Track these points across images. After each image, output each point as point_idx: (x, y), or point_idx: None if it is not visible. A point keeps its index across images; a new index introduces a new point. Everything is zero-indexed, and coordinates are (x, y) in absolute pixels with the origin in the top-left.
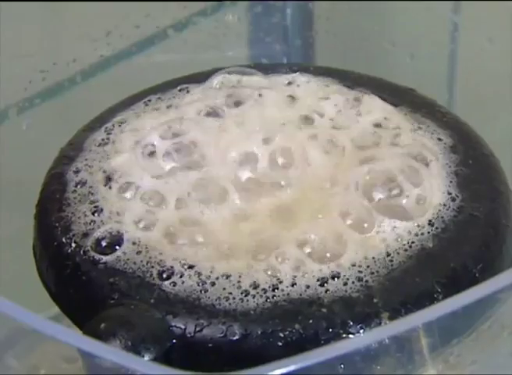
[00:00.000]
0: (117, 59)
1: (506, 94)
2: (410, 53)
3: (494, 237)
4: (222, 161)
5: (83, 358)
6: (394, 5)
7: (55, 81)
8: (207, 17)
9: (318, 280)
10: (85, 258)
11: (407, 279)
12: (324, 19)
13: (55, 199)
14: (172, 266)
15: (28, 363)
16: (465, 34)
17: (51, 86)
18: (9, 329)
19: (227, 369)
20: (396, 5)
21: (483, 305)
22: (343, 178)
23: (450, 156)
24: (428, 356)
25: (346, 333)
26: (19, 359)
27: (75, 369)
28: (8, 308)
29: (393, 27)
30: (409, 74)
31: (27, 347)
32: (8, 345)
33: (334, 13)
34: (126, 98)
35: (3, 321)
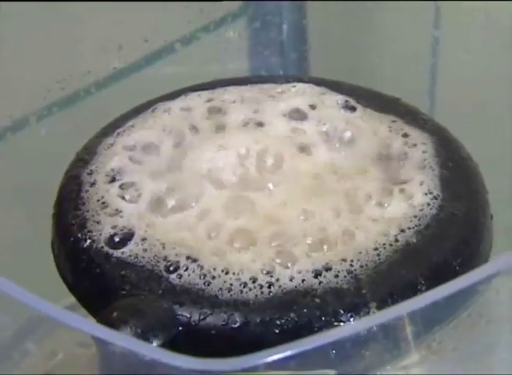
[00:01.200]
0: (128, 71)
1: (483, 101)
2: (397, 65)
3: (472, 234)
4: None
5: (96, 344)
6: (381, 22)
7: (72, 91)
8: (210, 33)
9: (312, 272)
10: (99, 253)
11: (393, 272)
12: (317, 35)
13: (71, 199)
14: (177, 261)
15: (46, 348)
16: (445, 48)
17: (68, 95)
18: (29, 317)
19: (228, 354)
20: (383, 21)
21: (463, 295)
22: (335, 179)
23: (432, 159)
24: (412, 343)
25: (337, 322)
26: (37, 345)
27: (89, 354)
28: (28, 299)
29: (381, 42)
30: (394, 84)
31: (45, 334)
32: (27, 332)
33: (326, 29)
34: (135, 106)
35: (24, 310)
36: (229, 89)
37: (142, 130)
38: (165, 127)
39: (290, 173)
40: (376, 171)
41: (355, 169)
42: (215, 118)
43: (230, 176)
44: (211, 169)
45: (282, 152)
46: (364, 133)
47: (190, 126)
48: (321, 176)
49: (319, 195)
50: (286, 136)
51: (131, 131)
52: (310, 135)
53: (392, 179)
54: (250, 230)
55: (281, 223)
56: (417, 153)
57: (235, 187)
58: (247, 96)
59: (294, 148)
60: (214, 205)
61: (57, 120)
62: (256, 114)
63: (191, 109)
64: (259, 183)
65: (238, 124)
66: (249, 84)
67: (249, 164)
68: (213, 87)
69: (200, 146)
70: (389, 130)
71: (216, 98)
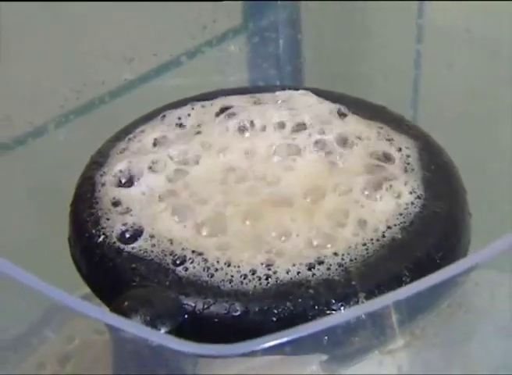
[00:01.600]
0: (138, 82)
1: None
2: (383, 76)
3: (453, 231)
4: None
5: (110, 331)
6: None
7: (87, 100)
8: (213, 47)
9: (306, 266)
10: (111, 248)
11: (380, 265)
12: (311, 49)
13: (86, 199)
14: (184, 255)
15: (64, 335)
16: (427, 60)
17: (84, 104)
18: (48, 306)
19: (230, 340)
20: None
21: (443, 287)
22: (327, 178)
23: (416, 162)
24: (397, 329)
25: (329, 311)
26: (55, 332)
27: (104, 340)
28: (48, 290)
29: (368, 55)
30: (382, 94)
31: (62, 321)
32: (46, 320)
33: (319, 44)
34: (145, 114)
35: (43, 300)
36: (230, 98)
37: (151, 134)
38: (174, 128)
39: (286, 173)
40: (365, 172)
41: (346, 170)
42: (218, 123)
43: (235, 175)
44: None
45: (279, 153)
46: (355, 137)
47: (195, 132)
48: (315, 176)
49: (313, 195)
50: (284, 138)
51: (141, 137)
52: (305, 138)
53: (379, 179)
54: (251, 228)
55: (278, 220)
56: (402, 156)
57: (238, 187)
58: (248, 104)
59: (291, 149)
60: (217, 203)
61: (73, 127)
62: (255, 120)
63: (196, 113)
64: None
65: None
66: (249, 94)
67: (253, 164)
68: (216, 96)
69: (204, 149)
70: (377, 136)
71: (221, 104)
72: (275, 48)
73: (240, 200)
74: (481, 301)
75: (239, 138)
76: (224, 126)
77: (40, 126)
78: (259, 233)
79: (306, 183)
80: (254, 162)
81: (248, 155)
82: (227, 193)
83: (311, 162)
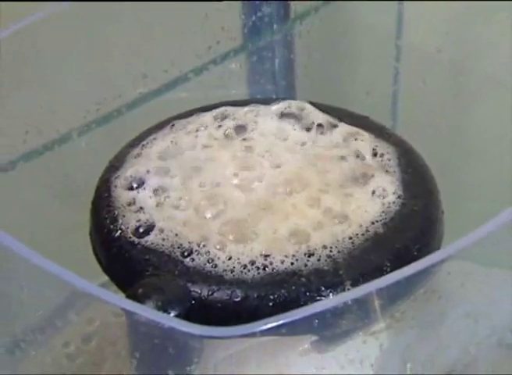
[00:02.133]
0: (151, 96)
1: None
2: (366, 91)
3: (428, 226)
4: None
5: (126, 314)
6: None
7: (107, 111)
8: (217, 65)
9: (300, 257)
10: (127, 241)
11: (364, 256)
12: (302, 67)
13: (104, 198)
14: (191, 247)
15: (85, 317)
16: (404, 77)
17: (104, 115)
18: (72, 293)
19: (231, 323)
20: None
21: (420, 275)
22: (319, 179)
23: (395, 166)
24: (379, 313)
25: (319, 297)
26: (78, 315)
27: (121, 322)
28: (71, 278)
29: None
30: (365, 106)
31: (84, 306)
32: (70, 304)
33: (309, 63)
34: (157, 123)
35: (67, 287)
36: (233, 109)
37: (162, 142)
38: (183, 136)
39: (277, 171)
40: (352, 174)
41: (336, 171)
42: (221, 131)
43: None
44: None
45: (275, 152)
46: (343, 144)
47: (202, 135)
48: (306, 177)
49: (303, 195)
50: (279, 139)
51: (153, 143)
52: (300, 139)
53: (364, 181)
54: (251, 224)
55: (275, 217)
56: (383, 161)
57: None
58: (248, 114)
59: (284, 148)
60: (221, 201)
61: (94, 135)
62: (253, 126)
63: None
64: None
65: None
66: (248, 105)
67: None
68: (218, 107)
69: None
70: (363, 142)
71: (223, 114)
72: (271, 66)
73: (237, 200)
74: (452, 288)
75: (238, 140)
76: (223, 131)
77: (65, 134)
78: (256, 229)
79: (297, 183)
80: (250, 160)
81: (246, 154)
82: (227, 192)
83: (301, 162)
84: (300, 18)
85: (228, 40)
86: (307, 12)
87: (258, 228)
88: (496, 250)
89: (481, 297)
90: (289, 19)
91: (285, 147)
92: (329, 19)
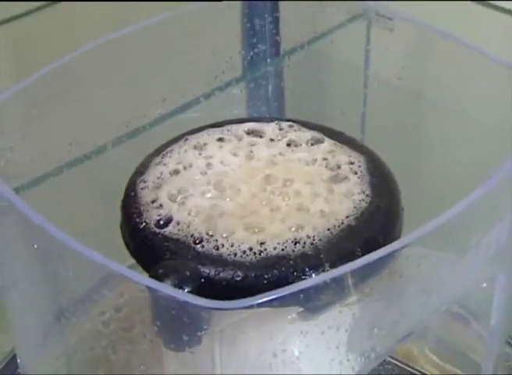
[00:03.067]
0: (169, 116)
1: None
2: (341, 112)
3: (391, 220)
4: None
5: (149, 290)
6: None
7: (134, 128)
8: (222, 91)
9: (288, 244)
10: (150, 232)
11: (340, 244)
12: (290, 92)
13: (131, 197)
14: (201, 236)
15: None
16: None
17: (132, 131)
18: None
19: (233, 298)
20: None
21: (384, 259)
22: (305, 181)
23: (365, 171)
24: (352, 289)
25: (304, 276)
26: (111, 290)
27: (145, 296)
28: (106, 262)
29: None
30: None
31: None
32: (105, 282)
33: (296, 89)
34: (173, 137)
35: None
36: (235, 125)
37: (177, 152)
38: (194, 148)
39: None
40: (331, 177)
41: (317, 175)
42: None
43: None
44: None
45: (271, 161)
46: (324, 151)
47: (209, 147)
48: (294, 179)
49: (294, 195)
50: (273, 150)
51: (170, 153)
52: (288, 149)
53: (340, 183)
54: (250, 218)
55: (269, 213)
56: (355, 166)
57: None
58: (246, 130)
59: (277, 156)
60: (224, 199)
61: (124, 147)
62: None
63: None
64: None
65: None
66: (247, 122)
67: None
68: (223, 124)
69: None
70: (339, 152)
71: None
72: (265, 92)
73: (238, 199)
74: (410, 269)
75: (241, 151)
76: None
77: (101, 146)
78: (254, 223)
79: (289, 185)
80: (250, 165)
81: (248, 161)
82: (230, 192)
83: (291, 167)
84: (288, 54)
85: (231, 71)
86: (294, 50)
87: (256, 222)
88: (445, 238)
89: (433, 276)
90: (280, 55)
91: (277, 155)
92: (312, 55)
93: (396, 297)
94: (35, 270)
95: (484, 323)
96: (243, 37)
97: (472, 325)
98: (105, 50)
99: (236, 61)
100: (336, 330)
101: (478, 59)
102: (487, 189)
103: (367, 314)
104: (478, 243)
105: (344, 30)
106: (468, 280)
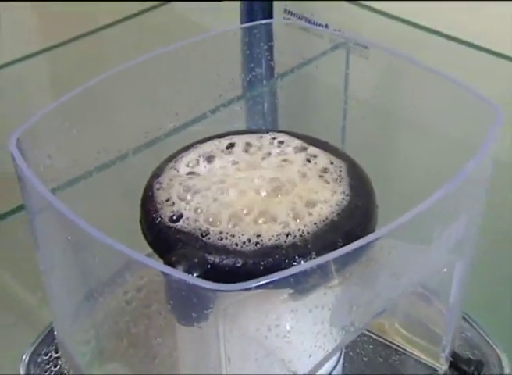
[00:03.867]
0: (181, 128)
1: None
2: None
3: (368, 216)
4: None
5: (164, 275)
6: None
7: (151, 138)
8: (226, 107)
9: (281, 236)
10: (164, 226)
11: (324, 236)
12: (283, 109)
13: (149, 196)
14: (207, 230)
15: (138, 275)
16: (350, 115)
17: (149, 141)
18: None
19: (235, 281)
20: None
21: (362, 249)
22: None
23: (345, 175)
24: (334, 274)
25: (294, 263)
26: (132, 275)
27: (161, 279)
28: (128, 251)
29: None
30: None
31: (136, 269)
32: (127, 268)
33: (287, 106)
34: (184, 146)
35: (125, 256)
36: (236, 136)
37: (188, 159)
38: (201, 155)
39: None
40: (316, 181)
41: (305, 177)
42: (227, 149)
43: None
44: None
45: (267, 167)
46: (311, 157)
47: (214, 154)
48: (287, 181)
49: (286, 194)
50: (268, 157)
51: (182, 160)
52: (280, 156)
53: (325, 185)
54: (249, 215)
55: (266, 211)
56: (337, 171)
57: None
58: (246, 139)
59: (270, 163)
60: (229, 199)
61: (143, 154)
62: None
63: (215, 146)
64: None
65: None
66: (247, 134)
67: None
68: (226, 136)
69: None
70: (324, 158)
71: (230, 140)
72: (261, 108)
73: (239, 197)
74: (383, 257)
75: (242, 157)
76: (232, 151)
77: (124, 153)
78: (252, 218)
79: (282, 186)
80: (249, 169)
81: (248, 166)
82: (232, 191)
83: (283, 171)
84: (280, 76)
85: (233, 90)
86: (286, 73)
87: (254, 218)
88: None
89: (402, 262)
90: (274, 77)
91: (272, 161)
92: (300, 77)
93: (371, 280)
94: (69, 258)
95: (444, 301)
96: (243, 62)
97: (434, 303)
98: (128, 73)
99: (237, 82)
100: (321, 308)
101: (438, 81)
102: (447, 191)
103: (347, 295)
104: (439, 236)
105: (327, 57)
106: (431, 266)
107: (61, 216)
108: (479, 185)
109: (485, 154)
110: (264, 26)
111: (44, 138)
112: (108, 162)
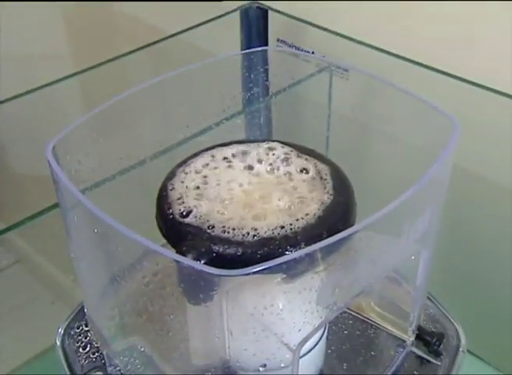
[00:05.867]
0: (190, 138)
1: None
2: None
3: (348, 212)
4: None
5: (176, 262)
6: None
7: (165, 147)
8: (228, 120)
9: (275, 230)
10: (176, 220)
11: (312, 229)
12: (277, 121)
13: (163, 196)
14: (213, 224)
15: (154, 262)
16: (334, 127)
17: (164, 149)
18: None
19: (236, 267)
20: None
21: (343, 240)
22: (286, 185)
23: (329, 177)
24: (320, 261)
25: (287, 252)
26: (149, 262)
27: (174, 266)
28: (145, 242)
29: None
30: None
31: (153, 257)
32: (145, 256)
33: (280, 119)
34: (193, 153)
35: (143, 246)
36: (237, 145)
37: (196, 163)
38: (208, 161)
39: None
40: (303, 183)
41: (295, 181)
42: (230, 156)
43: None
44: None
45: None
46: (299, 165)
47: (218, 160)
48: (281, 183)
49: (281, 193)
50: (264, 160)
51: (191, 164)
52: (272, 162)
53: (312, 186)
54: (248, 212)
55: (262, 209)
56: (321, 174)
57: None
58: (245, 147)
59: (265, 167)
60: (231, 197)
61: (159, 160)
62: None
63: (219, 153)
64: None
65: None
66: (246, 143)
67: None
68: (228, 144)
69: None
70: (311, 164)
71: (231, 148)
72: (258, 121)
73: (240, 197)
74: (362, 247)
75: (242, 163)
76: (234, 158)
77: (142, 159)
78: (251, 215)
79: (278, 187)
80: (248, 173)
81: (246, 169)
82: (233, 191)
83: (277, 174)
84: (274, 95)
85: (234, 106)
86: (279, 92)
87: (252, 214)
88: (386, 225)
89: (377, 251)
90: (269, 95)
91: (268, 166)
92: (291, 95)
93: (351, 266)
94: (95, 247)
95: (411, 283)
96: (243, 82)
97: (403, 285)
98: (146, 91)
99: (238, 99)
100: (308, 290)
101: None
102: (415, 191)
103: (330, 279)
104: (408, 228)
105: (314, 79)
106: (401, 254)
107: (89, 212)
108: (441, 186)
109: (445, 159)
110: (260, 52)
111: (74, 147)
112: (128, 167)
